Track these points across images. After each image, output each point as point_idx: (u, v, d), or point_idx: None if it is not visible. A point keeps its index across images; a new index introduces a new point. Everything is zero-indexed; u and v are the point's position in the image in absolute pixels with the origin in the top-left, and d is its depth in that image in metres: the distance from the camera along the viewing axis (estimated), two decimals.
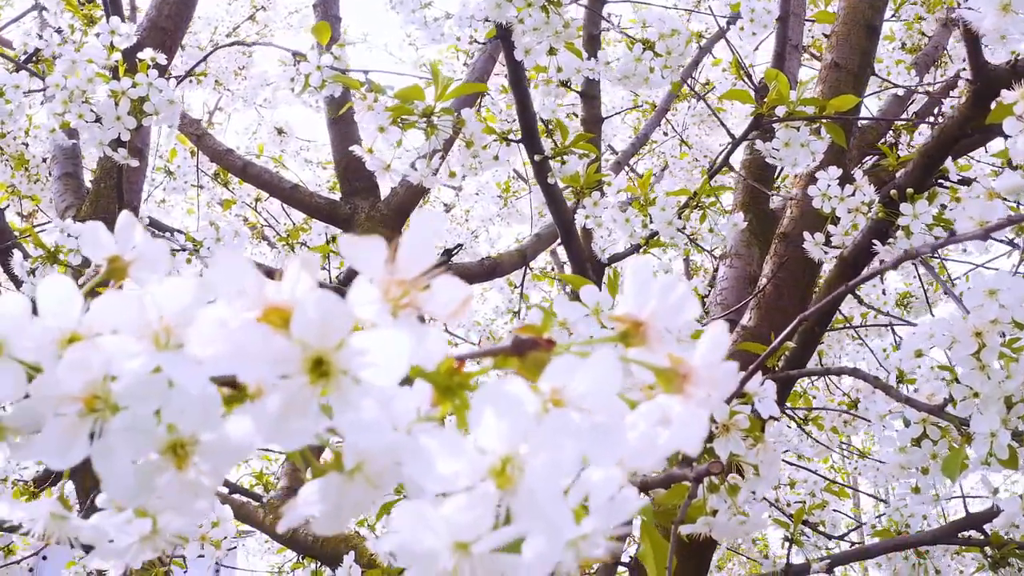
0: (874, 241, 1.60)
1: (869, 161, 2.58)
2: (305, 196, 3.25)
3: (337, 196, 3.33)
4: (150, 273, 0.51)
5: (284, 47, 2.48)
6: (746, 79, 2.56)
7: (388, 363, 0.32)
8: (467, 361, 0.37)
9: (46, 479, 2.82)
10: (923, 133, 2.62)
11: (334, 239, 3.81)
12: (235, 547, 2.70)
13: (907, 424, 1.41)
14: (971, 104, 1.50)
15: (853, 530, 2.90)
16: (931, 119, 2.76)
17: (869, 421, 1.58)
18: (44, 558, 4.02)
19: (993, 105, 1.53)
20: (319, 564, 3.29)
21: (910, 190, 1.57)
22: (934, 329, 1.27)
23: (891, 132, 2.75)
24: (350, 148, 1.45)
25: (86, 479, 2.31)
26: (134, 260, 0.51)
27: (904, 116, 2.78)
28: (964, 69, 2.30)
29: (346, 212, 3.19)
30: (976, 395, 1.24)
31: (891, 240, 1.59)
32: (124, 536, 0.44)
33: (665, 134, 4.80)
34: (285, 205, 4.07)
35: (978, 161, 2.80)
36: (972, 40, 1.45)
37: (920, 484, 2.02)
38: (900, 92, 2.86)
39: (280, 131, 4.86)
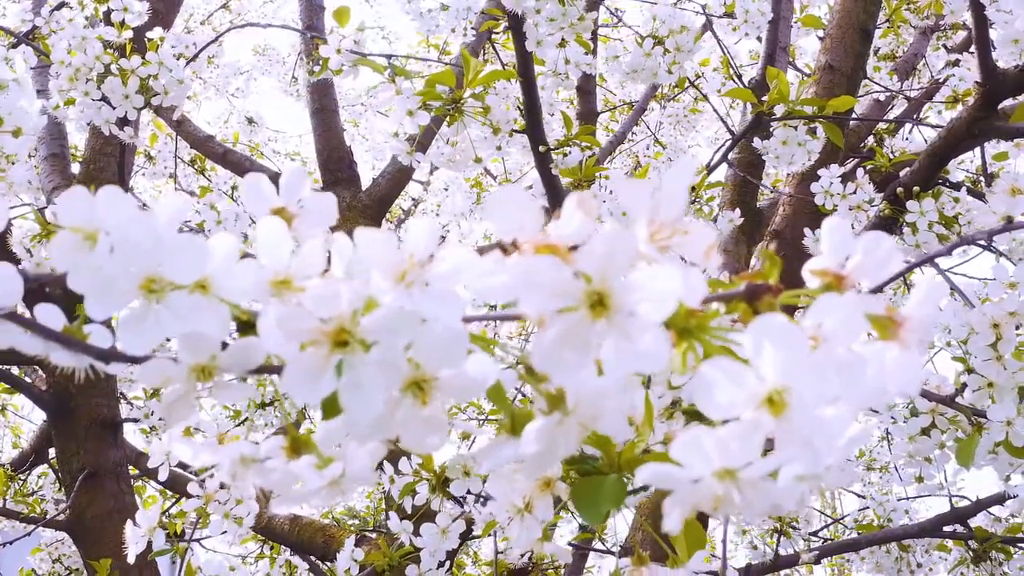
0: None
1: (851, 163, 2.63)
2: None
3: (318, 186, 3.32)
4: (316, 227, 0.51)
5: (296, 28, 2.47)
6: (736, 78, 2.60)
7: (661, 298, 0.34)
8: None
9: (23, 463, 2.79)
10: (907, 137, 2.68)
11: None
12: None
13: (915, 414, 1.45)
14: (980, 105, 1.54)
15: (827, 526, 2.96)
16: (910, 123, 2.82)
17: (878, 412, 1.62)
18: (3, 545, 3.97)
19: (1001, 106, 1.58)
20: (290, 553, 3.26)
21: (916, 188, 1.61)
22: (950, 321, 1.31)
23: (872, 135, 2.80)
24: (380, 132, 1.45)
25: (71, 461, 2.29)
26: (299, 213, 0.52)
27: (886, 120, 2.84)
28: (953, 75, 2.36)
29: None
30: (990, 385, 1.28)
31: (896, 236, 1.63)
32: (315, 480, 0.45)
33: (634, 133, 4.84)
34: None
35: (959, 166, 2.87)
36: (983, 43, 1.49)
37: (901, 474, 2.06)
38: (881, 97, 2.92)
39: (251, 121, 4.83)
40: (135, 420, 2.40)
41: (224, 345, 0.42)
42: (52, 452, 2.78)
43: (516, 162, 5.10)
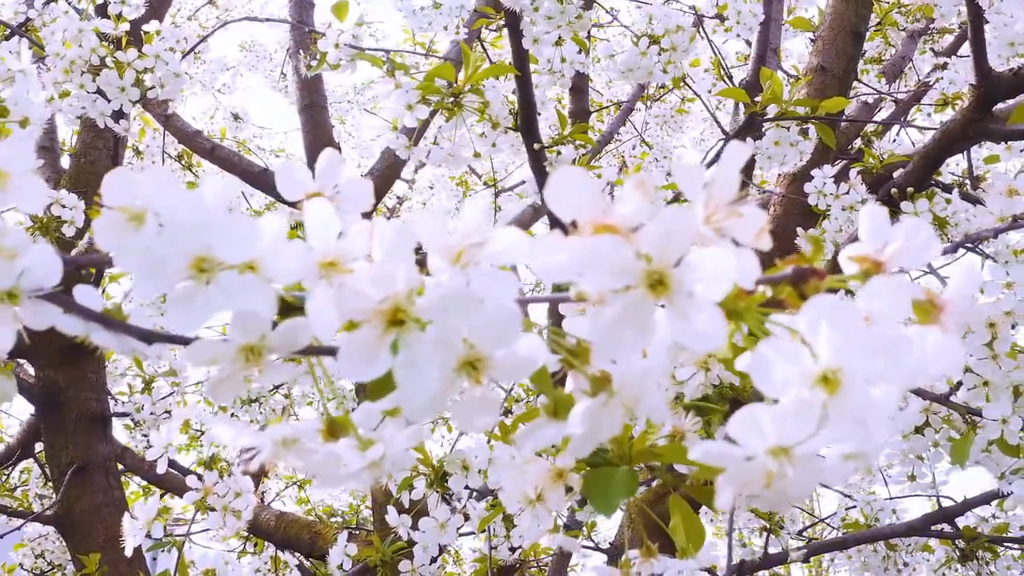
0: None
1: (839, 164, 2.65)
2: (275, 180, 3.23)
3: None
4: (352, 211, 0.52)
5: (293, 23, 2.46)
6: (727, 79, 2.62)
7: (717, 279, 0.35)
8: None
9: (9, 457, 2.77)
10: (895, 139, 2.70)
11: (300, 225, 3.80)
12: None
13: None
14: (975, 107, 1.55)
15: (810, 526, 2.98)
16: (899, 125, 2.84)
17: None
18: None
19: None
20: (276, 550, 3.25)
21: (910, 189, 1.62)
22: None
23: (860, 137, 2.83)
24: (370, 128, 1.45)
25: (60, 456, 2.28)
26: (335, 198, 0.52)
27: (875, 122, 2.86)
28: (941, 78, 2.39)
29: None
30: (986, 384, 1.30)
31: None
32: (357, 461, 0.46)
33: (619, 133, 4.85)
34: (244, 191, 4.04)
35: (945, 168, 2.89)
36: (978, 45, 1.50)
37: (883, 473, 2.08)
38: (869, 99, 2.94)
39: (236, 117, 4.81)
40: (125, 415, 2.39)
41: (273, 325, 0.43)
42: (38, 447, 2.77)
43: (502, 161, 5.10)
